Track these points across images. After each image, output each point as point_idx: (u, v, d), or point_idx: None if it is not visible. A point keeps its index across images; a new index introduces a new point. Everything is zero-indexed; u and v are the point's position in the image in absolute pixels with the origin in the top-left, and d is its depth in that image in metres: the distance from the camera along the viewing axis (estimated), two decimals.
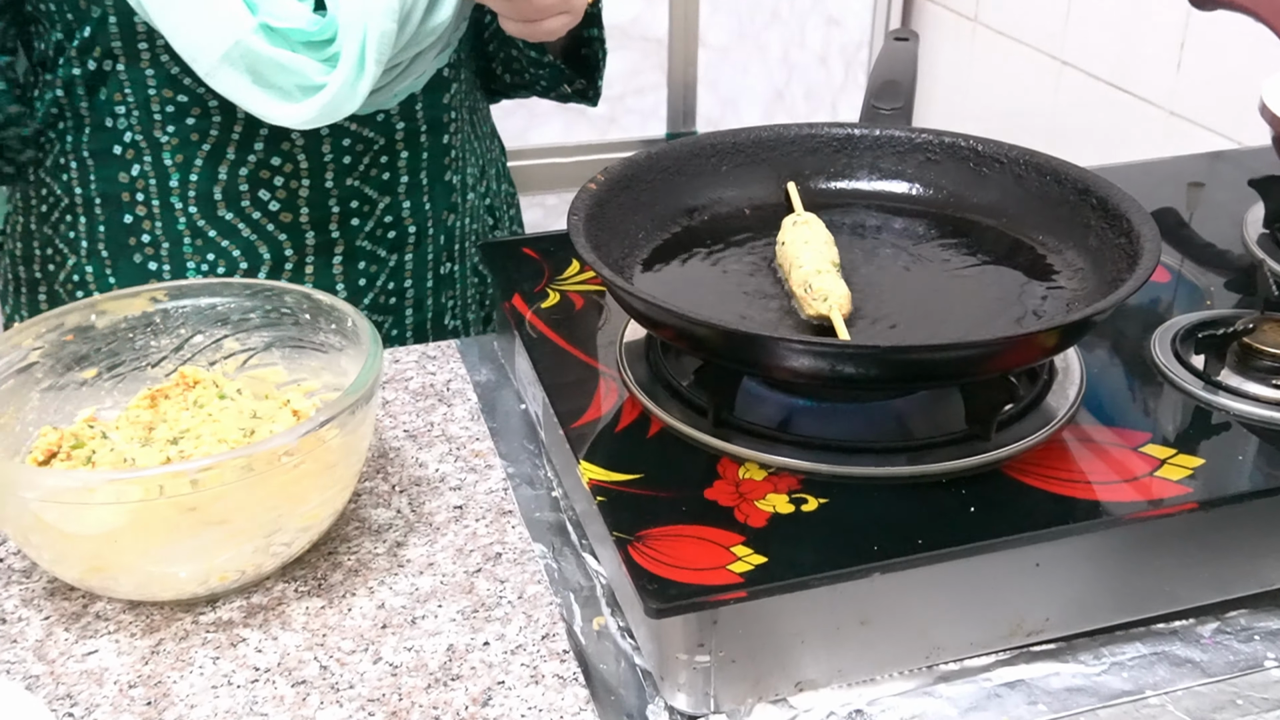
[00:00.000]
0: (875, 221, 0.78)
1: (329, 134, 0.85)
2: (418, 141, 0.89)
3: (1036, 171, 0.75)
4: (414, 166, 0.90)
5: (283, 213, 0.86)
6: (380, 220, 0.90)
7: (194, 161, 0.84)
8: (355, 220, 0.89)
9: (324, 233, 0.88)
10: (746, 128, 0.80)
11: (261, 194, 0.85)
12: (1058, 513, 0.58)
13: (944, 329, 0.66)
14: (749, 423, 0.64)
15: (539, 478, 0.70)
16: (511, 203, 1.05)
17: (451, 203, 0.93)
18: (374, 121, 0.86)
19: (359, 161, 0.87)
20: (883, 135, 0.80)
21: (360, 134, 0.86)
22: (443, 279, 0.94)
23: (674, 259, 0.74)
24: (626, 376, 0.69)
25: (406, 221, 0.91)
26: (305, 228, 0.87)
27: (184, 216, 0.85)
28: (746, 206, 0.79)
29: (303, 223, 0.87)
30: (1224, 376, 0.67)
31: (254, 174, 0.85)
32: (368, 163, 0.87)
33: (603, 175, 0.73)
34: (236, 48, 0.74)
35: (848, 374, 0.58)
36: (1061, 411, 0.65)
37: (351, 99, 0.77)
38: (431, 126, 0.90)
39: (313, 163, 0.85)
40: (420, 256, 0.92)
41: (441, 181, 0.92)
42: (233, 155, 0.84)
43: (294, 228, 0.87)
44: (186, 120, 0.83)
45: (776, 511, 0.58)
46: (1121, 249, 0.66)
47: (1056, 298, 0.68)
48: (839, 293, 0.66)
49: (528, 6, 0.77)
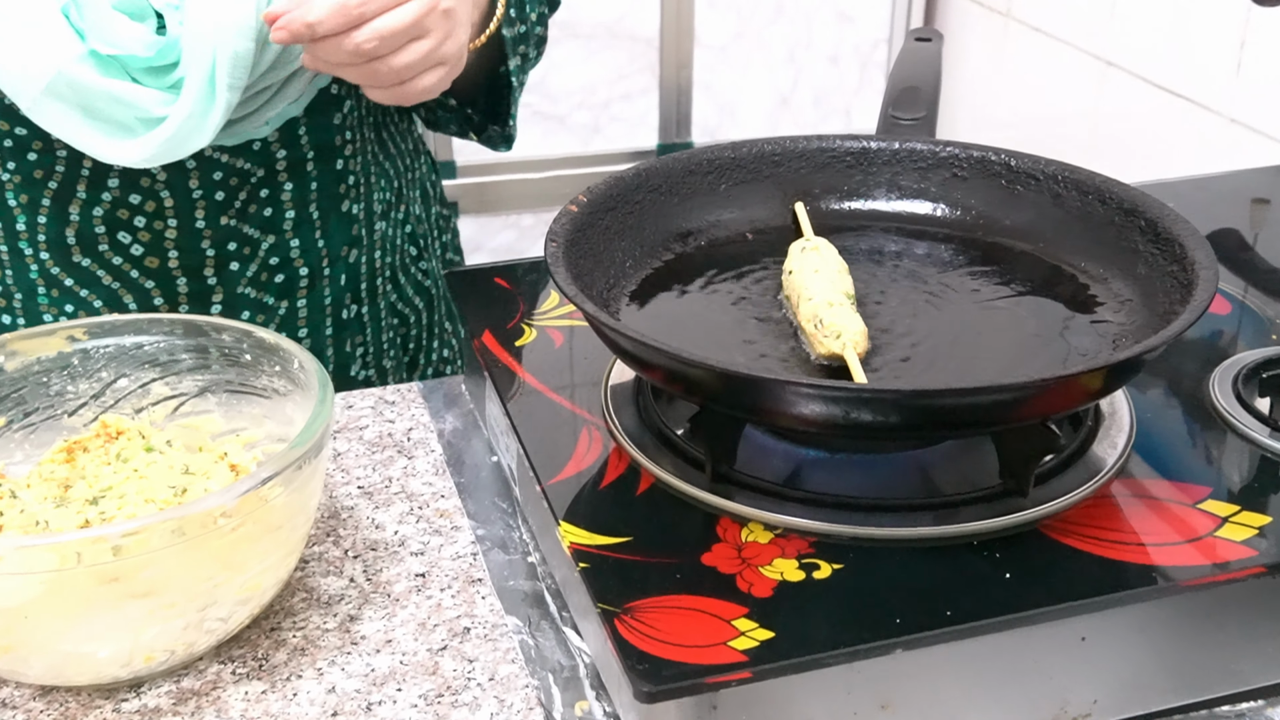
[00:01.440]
0: (895, 247, 0.79)
1: (195, 167, 0.84)
2: (303, 171, 0.88)
3: (1077, 189, 0.76)
4: (301, 199, 0.88)
5: (148, 257, 0.85)
6: (264, 262, 0.89)
7: (40, 201, 0.83)
8: (235, 264, 0.88)
9: (198, 279, 0.87)
10: (748, 140, 0.81)
11: (121, 236, 0.85)
12: (1106, 579, 0.58)
13: (974, 369, 0.67)
14: (753, 477, 0.64)
15: (513, 541, 0.70)
16: (444, 227, 1.04)
17: (353, 236, 0.92)
18: (248, 151, 0.85)
19: (234, 196, 0.86)
20: (903, 149, 0.81)
21: (233, 165, 0.85)
22: (346, 325, 0.93)
23: (666, 290, 0.74)
24: (613, 425, 0.69)
25: (296, 262, 0.90)
26: (176, 274, 0.86)
27: (35, 264, 0.85)
28: (748, 230, 0.80)
29: (172, 268, 0.86)
30: None
31: (110, 215, 0.84)
32: (245, 198, 0.86)
33: (585, 195, 0.73)
34: (60, 79, 0.73)
35: (864, 421, 0.59)
36: (1109, 463, 0.65)
37: (199, 132, 0.75)
38: (320, 152, 0.88)
39: (179, 200, 0.84)
40: (315, 301, 0.91)
41: (338, 213, 0.91)
42: (84, 194, 0.83)
43: (163, 274, 0.86)
44: (28, 155, 0.82)
45: (784, 579, 0.59)
46: (1174, 277, 0.67)
47: (1101, 333, 0.69)
48: (854, 329, 0.67)
49: (384, 74, 0.74)
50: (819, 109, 2.02)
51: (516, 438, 0.70)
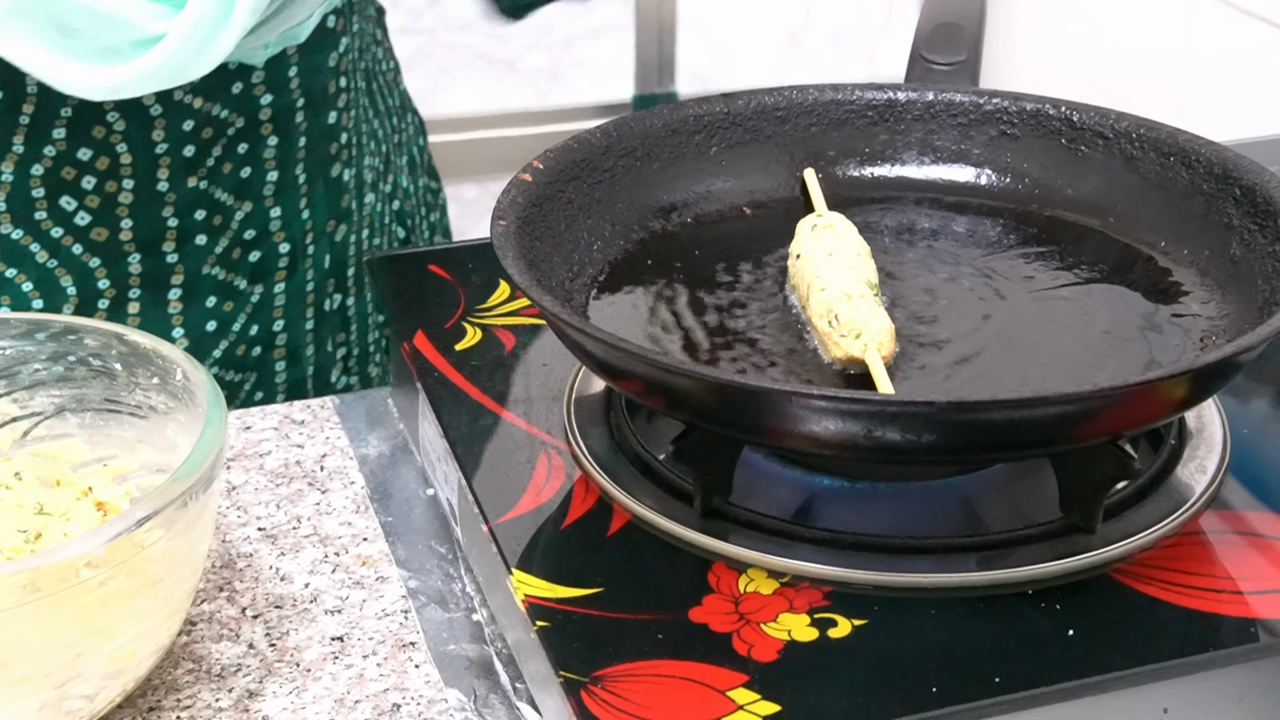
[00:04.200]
0: (929, 223, 0.80)
1: (162, 113, 0.85)
2: (291, 123, 0.89)
3: (1156, 150, 0.77)
4: (286, 157, 0.90)
5: (95, 228, 0.86)
6: (237, 236, 0.90)
7: None
8: (201, 236, 0.89)
9: (155, 256, 0.88)
10: (745, 91, 0.82)
11: (64, 202, 0.85)
12: (1194, 635, 0.59)
13: (1028, 376, 0.68)
14: (753, 512, 0.65)
15: (453, 595, 0.71)
16: (433, 203, 1.06)
17: (341, 208, 0.94)
18: (226, 95, 0.86)
19: (206, 152, 0.87)
20: (938, 101, 0.82)
21: (207, 113, 0.86)
22: (327, 317, 0.95)
23: (643, 280, 0.75)
24: (578, 448, 0.69)
25: (276, 236, 0.91)
26: (128, 249, 0.87)
27: None
28: (746, 204, 0.81)
29: (124, 242, 0.87)
30: None
31: (52, 174, 0.85)
32: (219, 154, 0.87)
33: (540, 162, 0.74)
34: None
35: (891, 441, 0.60)
36: (1196, 491, 0.66)
37: (206, 54, 0.75)
38: (311, 101, 0.90)
39: (138, 156, 0.85)
40: (296, 286, 0.93)
41: (326, 179, 0.92)
42: (20, 147, 0.84)
43: (111, 249, 0.87)
44: None
45: (793, 638, 0.59)
46: (1275, 259, 0.69)
47: (1186, 329, 0.70)
48: (878, 326, 0.68)
49: None
50: (837, 50, 2.03)
51: (457, 465, 0.70)
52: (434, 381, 0.76)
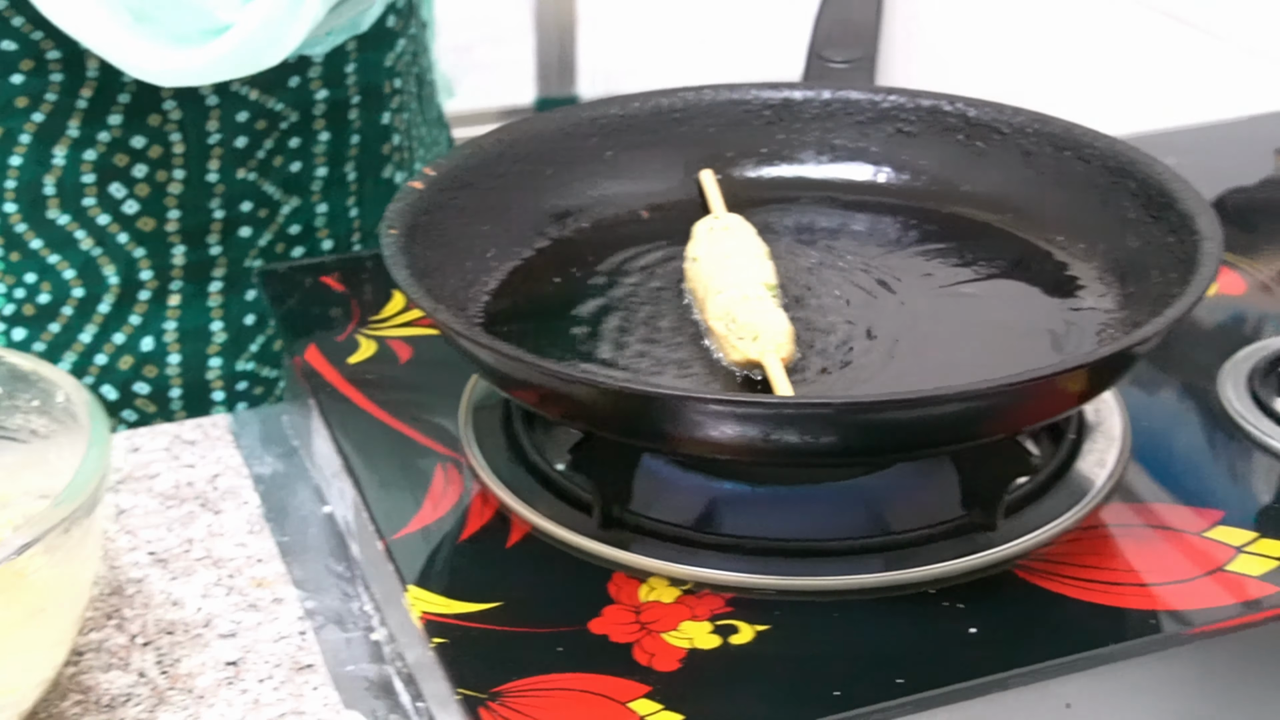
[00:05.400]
0: (828, 222, 0.81)
1: (218, 104, 0.86)
2: (345, 119, 0.91)
3: (1052, 144, 0.78)
4: (338, 154, 0.91)
5: (143, 216, 0.87)
6: (282, 230, 0.91)
7: (18, 137, 0.84)
8: (246, 229, 0.90)
9: (199, 247, 0.89)
10: (641, 93, 0.82)
11: (114, 189, 0.86)
12: (1095, 629, 0.60)
13: (928, 374, 0.68)
14: (653, 520, 0.65)
15: (352, 614, 0.71)
16: None
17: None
18: (283, 88, 0.87)
19: (258, 144, 0.88)
20: (835, 99, 0.82)
21: (263, 105, 0.87)
22: None
23: (539, 287, 0.75)
24: (475, 460, 0.69)
25: (320, 234, 0.93)
26: (173, 239, 0.88)
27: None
28: (643, 207, 0.81)
29: (170, 232, 0.88)
30: None
31: (105, 160, 0.85)
32: (271, 147, 0.89)
33: (432, 169, 0.74)
34: None
35: (790, 444, 0.60)
36: (1097, 485, 0.67)
37: (278, 43, 0.75)
38: (367, 98, 0.91)
39: (191, 145, 0.86)
40: None
41: (376, 179, 0.94)
42: (76, 131, 0.84)
43: (157, 238, 0.88)
44: (10, 77, 0.83)
45: (695, 647, 0.59)
46: (1171, 251, 0.70)
47: (1083, 323, 0.71)
48: (776, 328, 0.68)
49: None
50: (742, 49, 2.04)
51: (352, 481, 0.70)
52: (327, 396, 0.75)
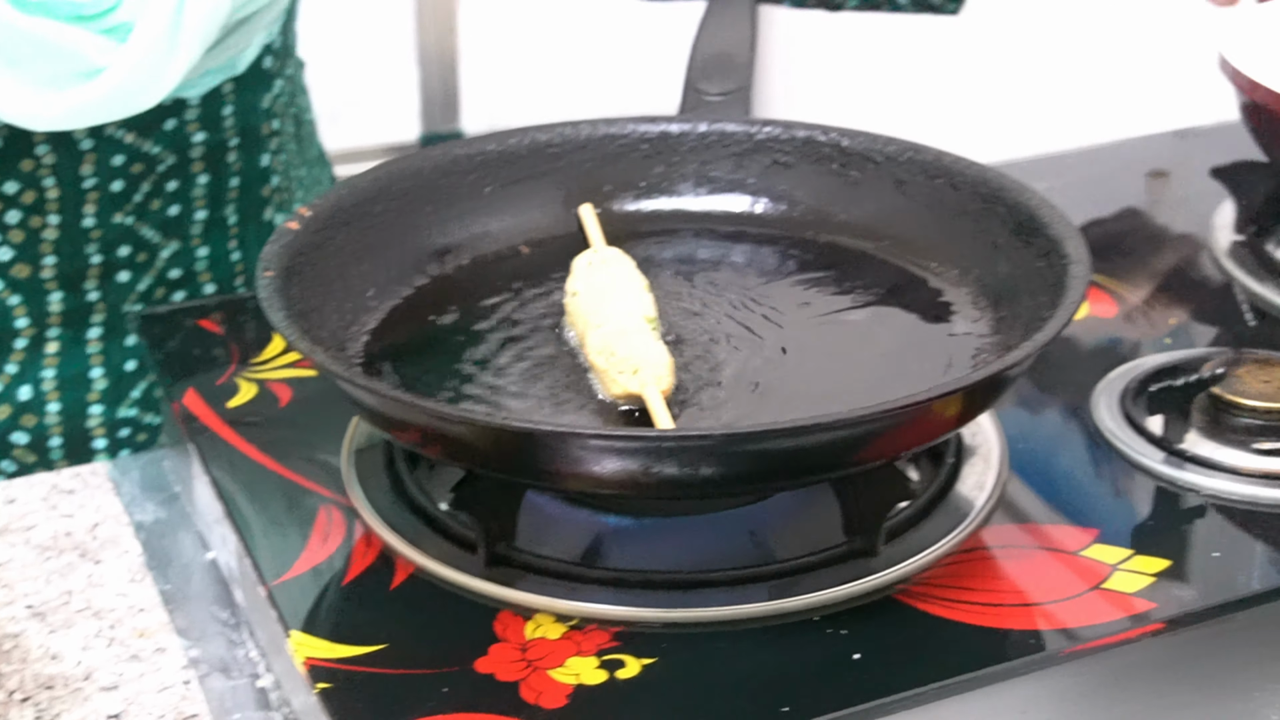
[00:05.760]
0: (708, 253, 0.81)
1: (93, 148, 0.85)
2: (223, 161, 0.90)
3: (924, 173, 0.79)
4: (217, 197, 0.91)
5: (17, 264, 0.86)
6: (162, 275, 0.90)
7: None
8: (125, 274, 0.89)
9: (77, 293, 0.88)
10: (517, 129, 0.82)
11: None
12: (977, 651, 0.61)
13: (807, 402, 0.69)
14: (539, 556, 0.65)
15: (237, 661, 0.70)
16: None
17: None
18: (158, 131, 0.87)
19: (135, 188, 0.87)
20: (711, 131, 0.83)
21: (139, 148, 0.86)
22: None
23: (419, 326, 0.75)
24: (358, 501, 0.69)
25: (201, 277, 0.92)
26: (49, 286, 0.87)
27: None
28: (523, 243, 0.81)
29: (46, 279, 0.87)
30: (1190, 443, 0.72)
31: None
32: (148, 190, 0.88)
33: (308, 209, 0.74)
34: None
35: (671, 476, 0.60)
36: (976, 507, 0.68)
37: (153, 85, 0.75)
38: (245, 139, 0.91)
39: (66, 190, 0.85)
40: None
41: (257, 222, 0.93)
42: None
43: (33, 286, 0.87)
44: None
45: (581, 683, 0.60)
46: (1041, 275, 0.71)
47: (959, 347, 0.72)
48: (656, 361, 0.69)
49: None
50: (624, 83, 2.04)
51: (233, 526, 0.70)
52: (207, 440, 0.75)
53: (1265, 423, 0.72)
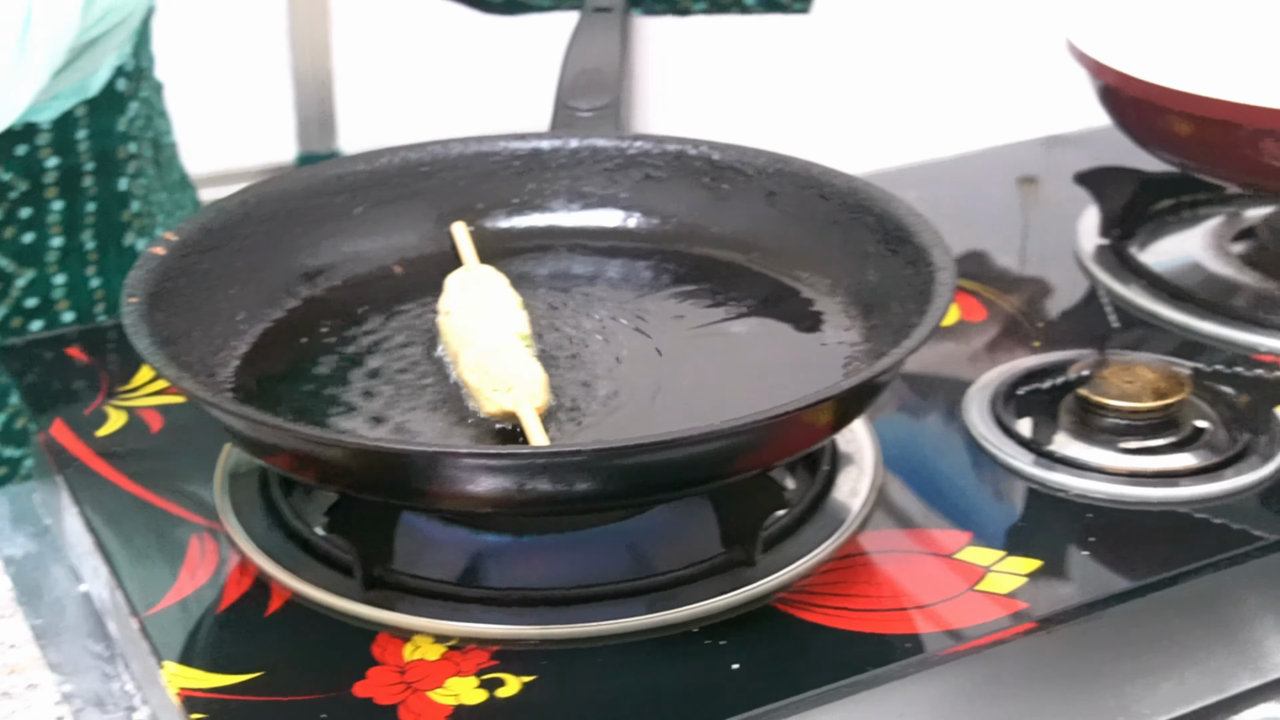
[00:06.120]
0: (582, 269, 0.82)
1: None
2: (78, 186, 0.89)
3: (794, 184, 0.80)
4: (73, 223, 0.89)
5: None
6: (18, 305, 0.89)
7: None
8: None
9: None
10: (386, 149, 0.82)
11: None
12: (854, 657, 0.62)
13: (683, 415, 0.70)
14: (416, 577, 0.65)
15: (113, 695, 0.69)
16: None
17: None
18: (11, 156, 0.86)
19: None
20: (583, 147, 0.84)
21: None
22: None
23: (291, 349, 0.75)
24: (231, 528, 0.69)
25: (59, 306, 0.90)
26: None
27: None
28: (395, 263, 0.81)
29: None
30: (1058, 444, 0.74)
31: None
32: (1, 218, 0.87)
33: (174, 234, 0.73)
34: None
35: (546, 493, 0.61)
36: (852, 514, 0.69)
37: (4, 108, 0.74)
38: (101, 164, 0.90)
39: None
40: None
41: (118, 248, 0.92)
42: None
43: None
44: None
45: (461, 703, 0.59)
46: (909, 282, 0.72)
47: (831, 356, 0.73)
48: (530, 378, 0.69)
49: None
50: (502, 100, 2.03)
51: (104, 558, 0.69)
52: (75, 471, 0.74)
53: (1130, 422, 0.74)
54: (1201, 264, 0.93)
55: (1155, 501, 0.71)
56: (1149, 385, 0.74)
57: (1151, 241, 0.96)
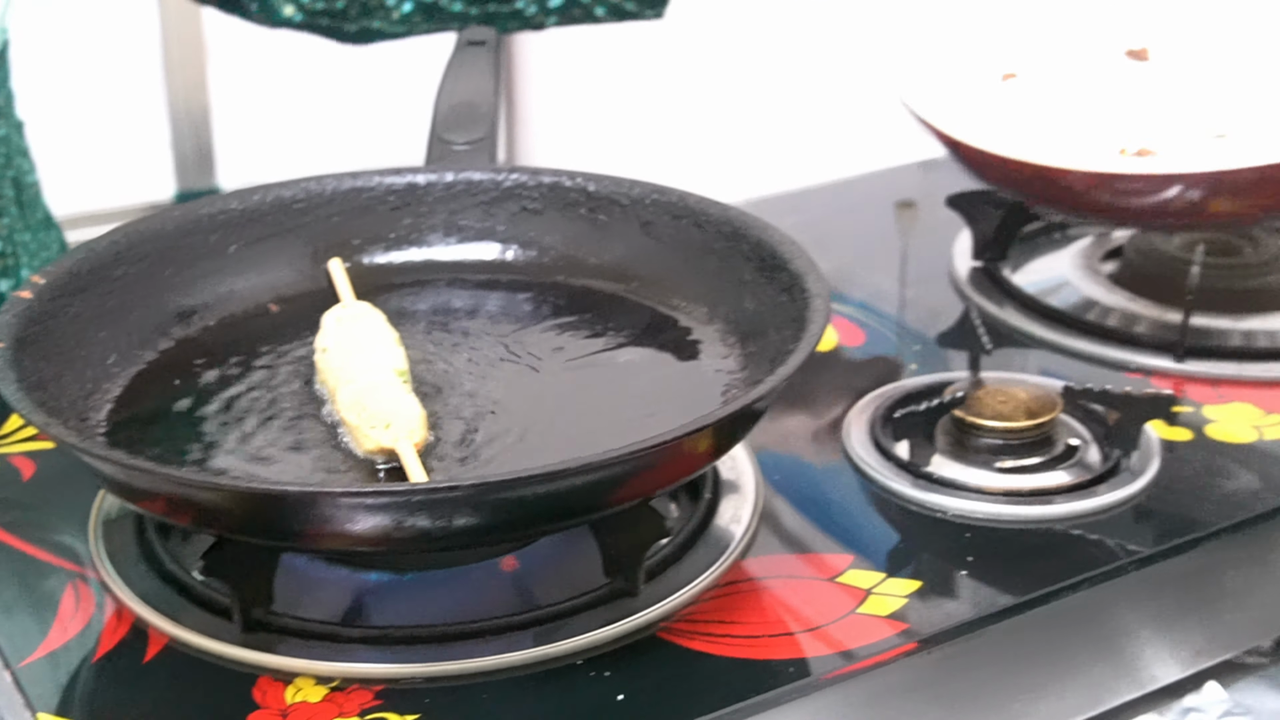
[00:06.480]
0: (461, 303, 0.82)
1: None
2: None
3: (670, 213, 0.81)
4: None
5: None
6: None
7: None
8: None
9: None
10: (260, 186, 0.82)
11: None
12: (737, 684, 0.62)
13: (563, 447, 0.69)
14: (297, 618, 0.65)
15: None
16: None
17: None
18: None
19: None
20: (458, 181, 0.84)
21: None
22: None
23: (165, 391, 0.74)
24: (107, 575, 0.68)
25: None
26: None
27: None
28: (271, 301, 0.81)
29: None
30: (936, 465, 0.75)
31: None
32: None
33: (41, 276, 0.72)
34: None
35: (426, 529, 0.60)
36: (734, 540, 0.70)
37: None
38: None
39: None
40: None
41: None
42: None
43: None
44: None
45: None
46: (784, 309, 0.73)
47: (710, 384, 0.74)
48: (408, 415, 0.69)
49: None
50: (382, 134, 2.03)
51: None
52: None
53: (1004, 442, 0.75)
54: (1072, 284, 0.94)
55: (1031, 519, 0.72)
56: (1022, 405, 0.76)
57: (1023, 263, 0.97)
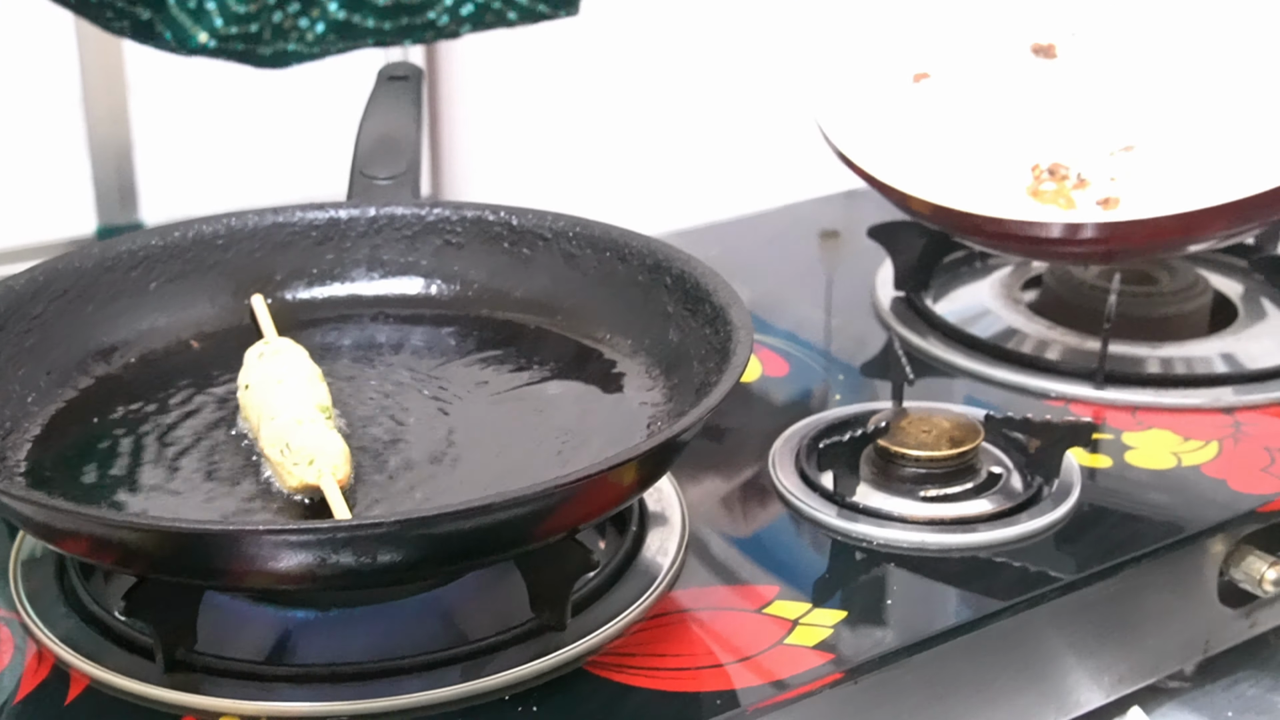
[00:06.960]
0: (385, 338, 0.82)
1: None
2: None
3: (593, 246, 0.81)
4: None
5: None
6: None
7: None
8: None
9: None
10: (180, 222, 0.82)
11: None
12: (664, 718, 0.62)
13: (487, 481, 0.70)
14: (221, 658, 0.64)
15: None
16: None
17: None
18: None
19: None
20: (380, 215, 0.84)
21: None
22: None
23: (86, 429, 0.73)
24: (27, 617, 0.67)
25: None
26: None
27: None
28: (192, 337, 0.80)
29: None
30: (860, 495, 0.75)
31: None
32: None
33: None
34: None
35: (349, 566, 0.60)
36: (661, 573, 0.70)
37: None
38: None
39: None
40: None
41: None
42: None
43: None
44: None
45: None
46: (708, 341, 0.74)
47: (634, 417, 0.74)
48: (331, 451, 0.68)
49: None
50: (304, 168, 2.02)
51: None
52: None
53: (928, 471, 0.76)
54: (993, 312, 0.96)
55: (954, 548, 0.73)
56: (945, 434, 0.77)
57: (945, 292, 0.99)
